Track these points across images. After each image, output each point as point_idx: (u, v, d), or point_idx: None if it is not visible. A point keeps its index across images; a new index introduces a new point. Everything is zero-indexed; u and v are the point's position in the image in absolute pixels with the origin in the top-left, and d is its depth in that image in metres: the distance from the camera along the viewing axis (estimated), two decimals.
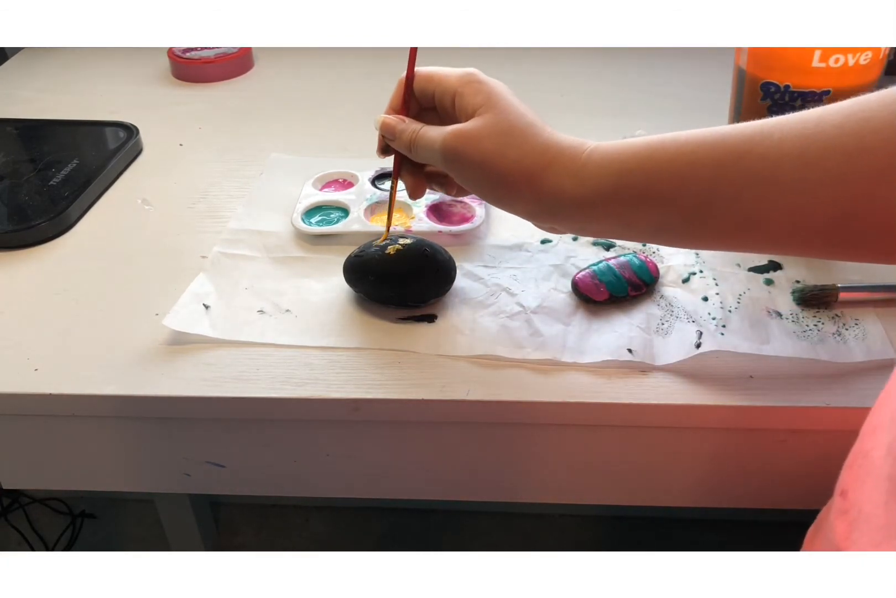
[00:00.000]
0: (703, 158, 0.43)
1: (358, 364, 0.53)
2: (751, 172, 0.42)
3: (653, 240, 0.50)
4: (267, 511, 1.34)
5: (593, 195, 0.46)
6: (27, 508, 1.23)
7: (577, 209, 0.46)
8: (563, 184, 0.46)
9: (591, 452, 0.55)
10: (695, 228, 0.45)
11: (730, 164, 0.43)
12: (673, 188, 0.44)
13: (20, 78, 0.93)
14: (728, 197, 0.43)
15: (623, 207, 0.46)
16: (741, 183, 0.42)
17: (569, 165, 0.46)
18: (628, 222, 0.47)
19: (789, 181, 0.41)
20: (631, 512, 1.29)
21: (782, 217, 0.42)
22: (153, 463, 0.58)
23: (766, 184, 0.42)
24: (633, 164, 0.45)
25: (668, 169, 0.44)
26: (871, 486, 0.33)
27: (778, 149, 0.42)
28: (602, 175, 0.45)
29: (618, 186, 0.45)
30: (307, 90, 0.89)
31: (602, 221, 0.47)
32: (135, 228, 0.67)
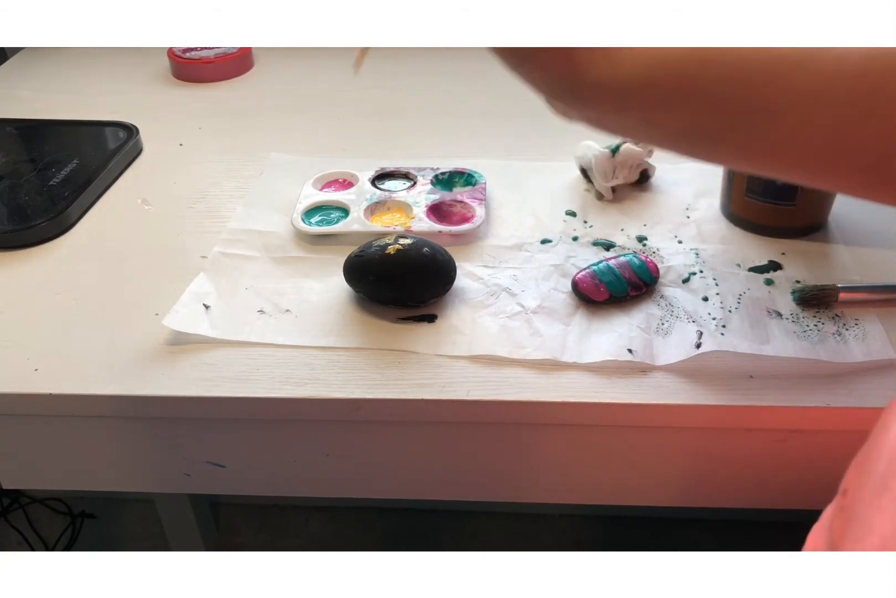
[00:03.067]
0: (756, 62, 0.39)
1: (358, 364, 0.53)
2: (802, 87, 0.38)
3: (674, 146, 0.45)
4: (267, 511, 1.34)
5: (625, 81, 0.42)
6: (27, 508, 1.23)
7: (602, 94, 0.43)
8: (595, 61, 0.42)
9: (591, 452, 0.55)
10: (728, 138, 0.41)
11: (783, 72, 0.39)
12: (716, 88, 0.40)
13: (20, 78, 0.93)
14: (773, 110, 0.39)
15: (655, 100, 0.42)
16: (789, 96, 0.38)
17: (607, 49, 0.42)
18: (655, 120, 0.43)
19: (841, 105, 0.37)
20: (630, 512, 1.29)
21: (825, 145, 0.39)
22: (153, 463, 0.58)
23: (816, 103, 0.38)
24: (677, 53, 0.41)
25: (715, 66, 0.40)
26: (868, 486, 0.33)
27: (836, 65, 0.37)
28: (640, 60, 0.42)
29: (655, 74, 0.41)
30: (307, 90, 0.89)
31: (626, 113, 0.43)
32: (135, 228, 0.67)
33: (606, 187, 0.67)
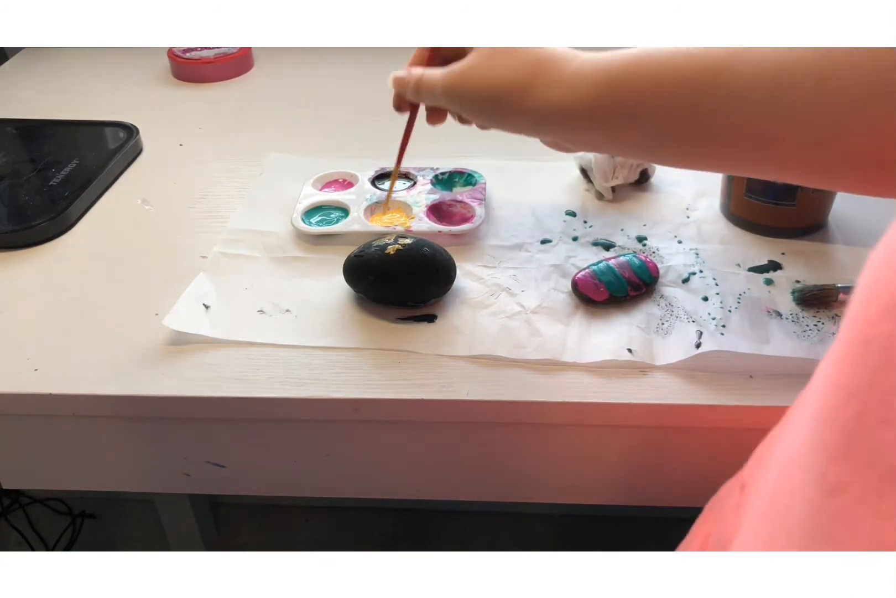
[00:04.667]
0: (686, 72, 0.43)
1: (358, 364, 0.53)
2: (727, 90, 0.41)
3: (640, 155, 0.50)
4: (267, 511, 1.34)
5: (579, 104, 0.46)
6: (27, 508, 1.23)
7: (565, 119, 0.47)
8: (549, 93, 0.46)
9: (592, 452, 0.55)
10: (676, 143, 0.45)
11: (708, 79, 0.42)
12: (655, 101, 0.44)
13: (20, 78, 0.93)
14: (705, 113, 0.42)
15: (608, 117, 0.45)
16: (717, 100, 0.42)
17: (556, 75, 0.46)
18: (615, 134, 0.46)
19: (762, 102, 0.41)
20: (631, 512, 1.29)
21: (756, 139, 0.42)
22: (153, 463, 0.58)
23: (740, 102, 0.41)
24: (618, 73, 0.45)
25: (651, 81, 0.44)
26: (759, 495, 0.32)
27: (755, 67, 0.41)
28: (588, 84, 0.45)
29: (602, 95, 0.45)
30: (307, 90, 0.89)
31: (591, 132, 0.47)
32: (135, 228, 0.67)
33: (606, 187, 0.67)
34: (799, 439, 0.25)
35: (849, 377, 0.21)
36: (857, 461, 0.21)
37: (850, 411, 0.21)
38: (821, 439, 0.23)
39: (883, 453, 0.20)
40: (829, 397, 0.22)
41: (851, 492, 0.21)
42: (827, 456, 0.22)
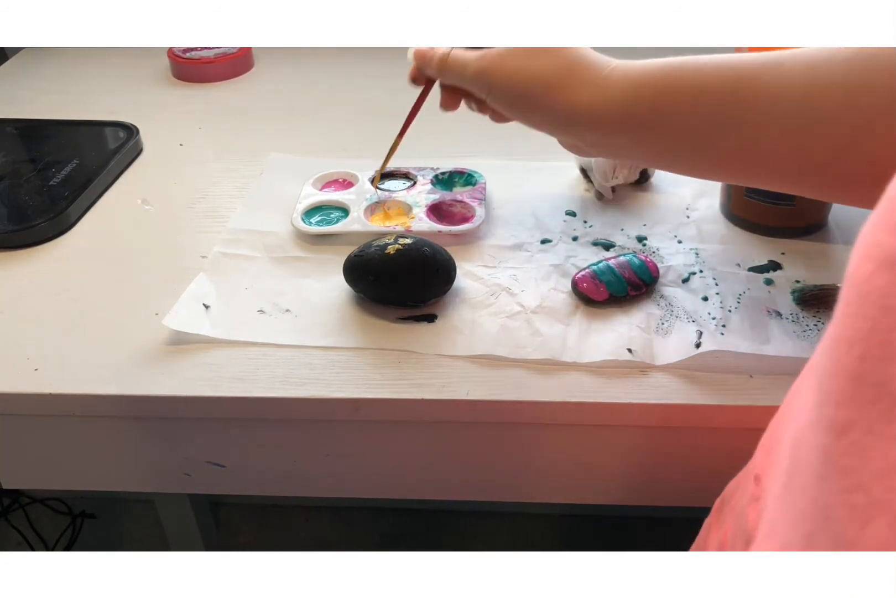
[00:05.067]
0: (716, 81, 0.44)
1: (358, 364, 0.53)
2: (755, 100, 0.42)
3: (661, 162, 0.50)
4: (267, 511, 1.34)
5: (608, 107, 0.46)
6: (27, 508, 1.23)
7: (593, 121, 0.47)
8: (581, 94, 0.47)
9: (591, 452, 0.55)
10: (701, 151, 0.46)
11: (738, 89, 0.43)
12: (683, 108, 0.45)
13: (20, 78, 0.93)
14: (732, 123, 0.43)
15: (636, 121, 0.46)
16: (744, 110, 0.43)
17: (589, 77, 0.47)
18: (639, 140, 0.47)
19: (790, 113, 0.42)
20: (631, 512, 1.29)
21: (781, 149, 0.43)
22: (153, 463, 0.58)
23: (767, 114, 0.42)
24: (649, 79, 0.46)
25: (681, 88, 0.45)
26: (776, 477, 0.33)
27: (785, 79, 0.42)
28: (619, 88, 0.46)
29: (632, 99, 0.46)
30: (307, 90, 0.89)
31: (616, 135, 0.48)
32: (135, 228, 0.67)
33: (606, 187, 0.67)
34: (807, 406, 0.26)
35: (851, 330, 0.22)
36: (862, 399, 0.21)
37: (853, 358, 0.22)
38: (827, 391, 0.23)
39: (888, 385, 0.20)
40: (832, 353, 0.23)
41: (859, 426, 0.21)
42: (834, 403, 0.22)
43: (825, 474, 0.23)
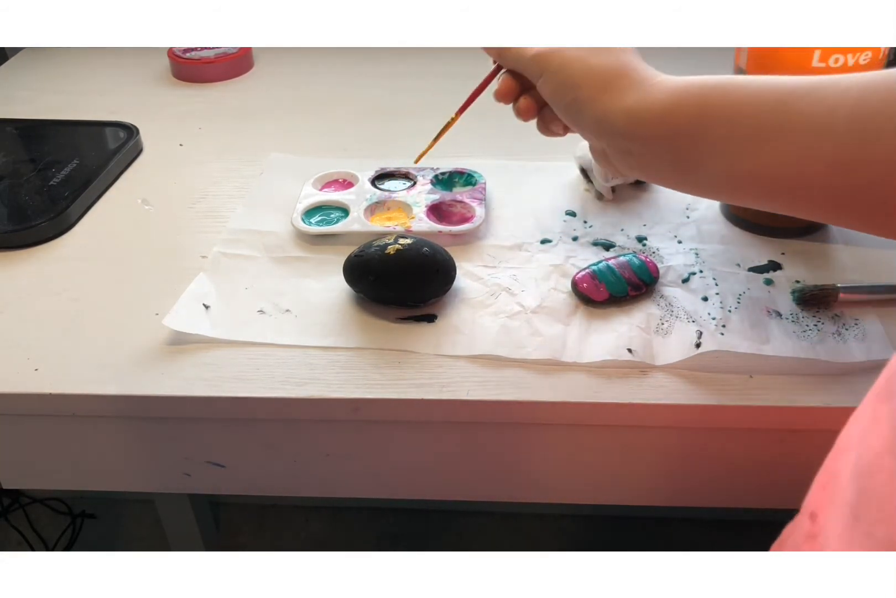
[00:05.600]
0: (764, 95, 0.43)
1: (358, 364, 0.53)
2: (804, 115, 0.41)
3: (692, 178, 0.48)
4: (267, 511, 1.34)
5: (648, 113, 0.46)
6: (27, 508, 1.23)
7: (630, 126, 0.47)
8: (626, 97, 0.47)
9: (591, 452, 0.55)
10: (738, 166, 0.44)
11: (788, 102, 0.42)
12: (727, 119, 0.44)
13: (20, 78, 0.93)
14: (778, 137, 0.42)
15: (674, 129, 0.45)
16: (793, 124, 0.42)
17: (638, 82, 0.47)
18: (677, 148, 0.46)
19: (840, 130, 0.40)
20: (630, 512, 1.29)
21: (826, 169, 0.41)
22: (153, 463, 0.58)
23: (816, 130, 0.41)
24: (694, 89, 0.46)
25: (727, 98, 0.44)
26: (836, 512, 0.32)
27: (838, 96, 0.41)
28: (663, 94, 0.46)
29: (673, 107, 0.46)
30: (307, 90, 0.89)
31: (652, 143, 0.47)
32: (135, 228, 0.67)
33: (606, 187, 0.67)
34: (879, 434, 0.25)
35: None
36: None
37: None
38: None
39: None
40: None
41: None
42: None
43: None
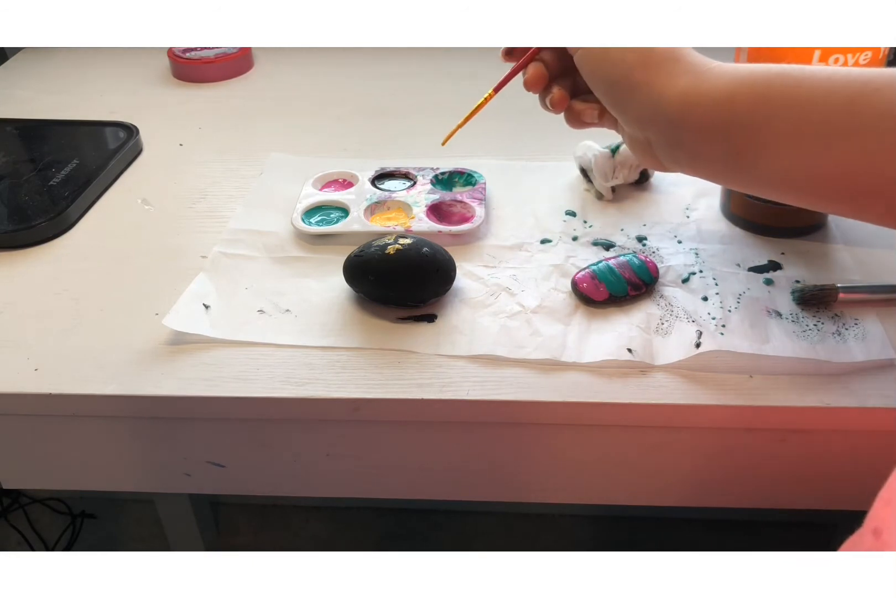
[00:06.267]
0: (837, 90, 0.40)
1: (358, 364, 0.53)
2: (878, 113, 0.39)
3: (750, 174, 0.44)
4: (267, 511, 1.34)
5: (704, 99, 0.43)
6: (27, 508, 1.23)
7: (682, 112, 0.44)
8: (678, 80, 0.44)
9: (591, 452, 0.55)
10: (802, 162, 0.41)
11: (855, 99, 0.39)
12: (790, 112, 0.41)
13: (20, 78, 0.93)
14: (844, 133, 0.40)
15: (731, 119, 0.42)
16: (866, 123, 0.39)
17: (693, 66, 0.44)
18: (733, 140, 0.43)
19: None
20: (631, 512, 1.29)
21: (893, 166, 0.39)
22: (153, 463, 0.58)
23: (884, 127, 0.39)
24: (758, 77, 0.42)
25: (794, 89, 0.41)
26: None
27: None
28: (720, 81, 0.43)
29: (732, 95, 0.42)
30: (307, 90, 0.89)
31: (705, 133, 0.43)
32: (135, 228, 0.67)
33: (606, 187, 0.67)
34: None
35: None
36: None
37: None
38: None
39: None
40: None
41: None
42: None
43: None
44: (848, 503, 0.57)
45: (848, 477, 0.54)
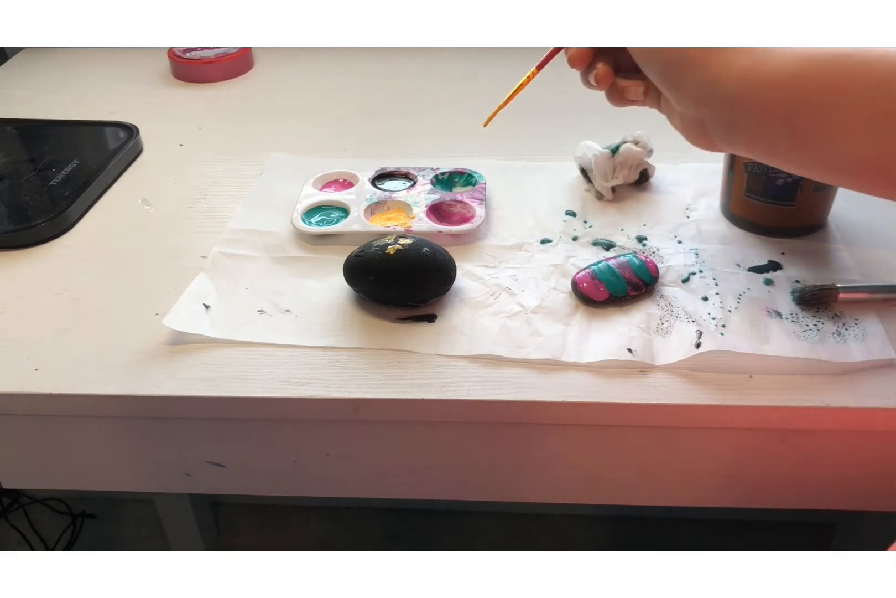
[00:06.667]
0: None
1: (358, 364, 0.53)
2: None
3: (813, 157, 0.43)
4: (267, 511, 1.34)
5: (766, 79, 0.42)
6: (27, 508, 1.23)
7: (743, 93, 0.42)
8: (739, 59, 0.42)
9: (591, 452, 0.55)
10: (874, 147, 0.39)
11: None
12: (866, 92, 0.39)
13: (20, 78, 0.93)
14: None
15: (796, 99, 0.41)
16: None
17: (751, 47, 0.43)
18: (797, 122, 0.41)
19: None
20: (631, 512, 1.29)
21: None
22: (153, 463, 0.58)
23: None
24: (827, 57, 0.40)
25: (867, 69, 0.39)
26: None
27: None
28: (786, 60, 0.41)
29: (798, 74, 0.41)
30: (307, 90, 0.89)
31: (768, 114, 0.42)
32: (135, 228, 0.67)
33: (606, 187, 0.67)
34: None
35: None
36: None
37: None
38: None
39: None
40: None
41: None
42: None
43: None
44: (848, 504, 0.57)
45: (847, 477, 0.54)
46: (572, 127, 0.78)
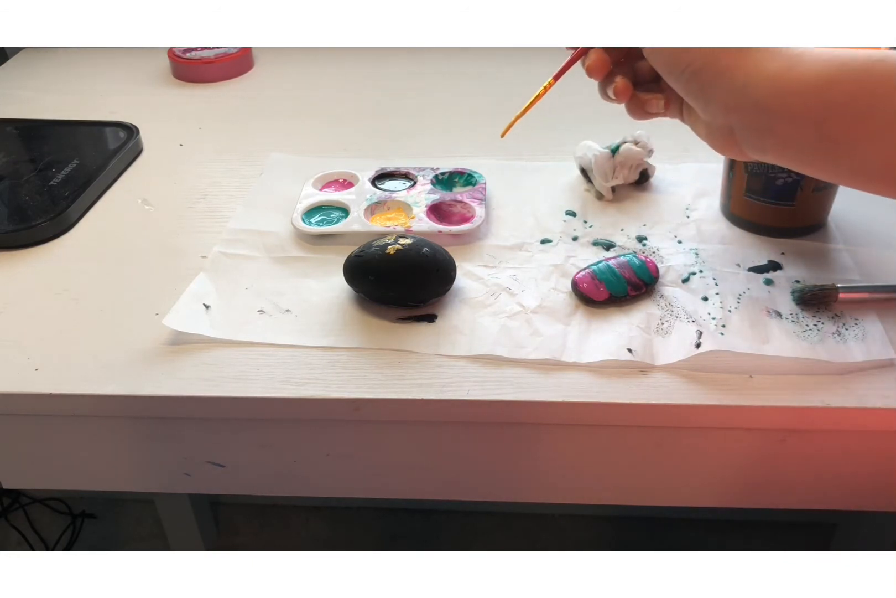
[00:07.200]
0: None
1: (358, 364, 0.53)
2: None
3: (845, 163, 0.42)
4: (267, 511, 1.34)
5: (798, 84, 0.41)
6: (27, 508, 1.23)
7: (774, 98, 0.41)
8: (768, 64, 0.42)
9: (591, 452, 0.55)
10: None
11: None
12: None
13: (20, 78, 0.93)
14: None
15: (831, 104, 0.40)
16: None
17: (780, 50, 0.42)
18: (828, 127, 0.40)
19: None
20: (631, 512, 1.29)
21: None
22: (153, 463, 0.58)
23: None
24: (860, 62, 0.39)
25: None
26: None
27: None
28: (818, 65, 0.40)
29: (832, 77, 0.40)
30: (307, 90, 0.89)
31: (798, 120, 0.41)
32: (135, 228, 0.67)
33: (606, 187, 0.67)
34: None
35: None
36: None
37: None
38: None
39: None
40: None
41: None
42: None
43: None
44: (848, 503, 0.57)
45: (847, 477, 0.54)
46: (572, 127, 0.78)
